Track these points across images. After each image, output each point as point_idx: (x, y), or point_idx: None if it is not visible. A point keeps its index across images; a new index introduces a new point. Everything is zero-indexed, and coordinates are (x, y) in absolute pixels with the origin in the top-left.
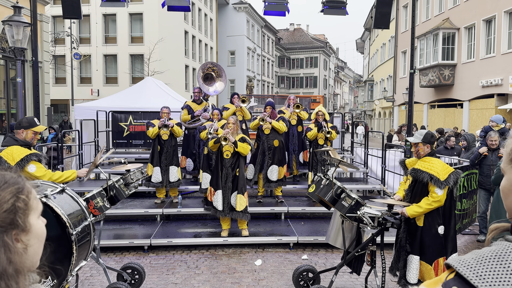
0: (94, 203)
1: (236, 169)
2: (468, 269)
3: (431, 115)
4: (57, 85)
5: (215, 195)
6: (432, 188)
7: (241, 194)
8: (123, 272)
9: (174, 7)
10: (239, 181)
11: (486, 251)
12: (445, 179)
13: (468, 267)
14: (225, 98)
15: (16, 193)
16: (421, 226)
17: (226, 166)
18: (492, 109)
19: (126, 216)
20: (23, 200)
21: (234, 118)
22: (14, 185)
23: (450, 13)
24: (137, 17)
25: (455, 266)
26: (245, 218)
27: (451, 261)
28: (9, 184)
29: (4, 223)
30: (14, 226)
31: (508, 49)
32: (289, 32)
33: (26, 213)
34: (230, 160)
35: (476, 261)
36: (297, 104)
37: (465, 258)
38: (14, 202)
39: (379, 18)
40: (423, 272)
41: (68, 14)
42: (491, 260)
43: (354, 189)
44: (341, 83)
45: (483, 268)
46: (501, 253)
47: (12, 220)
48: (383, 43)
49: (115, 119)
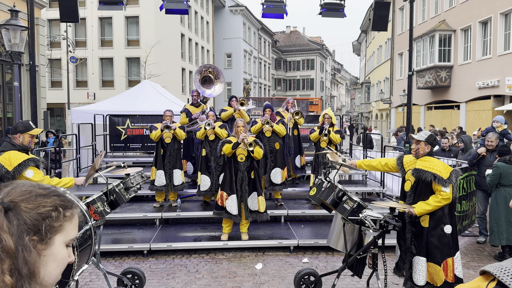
0: (94, 208)
1: (251, 171)
2: (510, 277)
3: (428, 116)
4: (52, 88)
5: (228, 200)
6: (438, 187)
7: (261, 196)
8: (123, 277)
9: (172, 10)
10: (257, 183)
11: None
12: (448, 177)
13: (510, 275)
14: (222, 101)
15: (59, 205)
16: (427, 227)
17: (241, 170)
18: (488, 110)
19: (125, 221)
20: (60, 213)
21: (242, 121)
22: (61, 198)
23: (446, 15)
24: (133, 20)
25: (497, 275)
26: (267, 218)
27: (491, 268)
28: (58, 195)
29: (31, 225)
30: (37, 231)
31: (504, 50)
32: (285, 35)
33: (55, 227)
34: (245, 163)
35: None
36: (297, 111)
37: (506, 266)
38: (50, 210)
39: (377, 20)
40: (431, 274)
41: (65, 17)
42: None
43: (353, 192)
44: (338, 85)
45: None
46: None
47: (38, 225)
48: (380, 45)
49: (112, 123)
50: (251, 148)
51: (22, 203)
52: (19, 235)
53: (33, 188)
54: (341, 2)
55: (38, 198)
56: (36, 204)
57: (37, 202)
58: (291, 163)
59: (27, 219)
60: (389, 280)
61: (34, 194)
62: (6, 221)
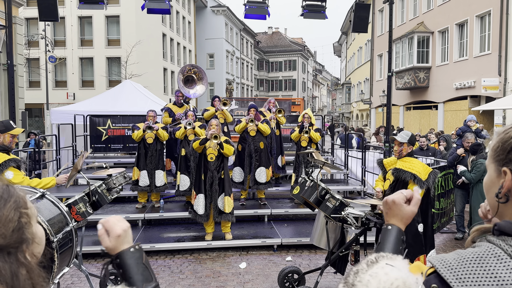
0: (76, 208)
1: (221, 171)
2: (449, 270)
3: (407, 117)
4: (31, 88)
5: (196, 199)
6: (412, 186)
7: (228, 196)
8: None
9: (153, 10)
10: (225, 183)
11: (468, 252)
12: (426, 178)
13: (449, 268)
14: (205, 101)
15: (16, 207)
16: None
17: (211, 169)
18: (465, 110)
19: None
20: (25, 213)
21: (216, 121)
22: (11, 199)
23: (424, 17)
24: (114, 20)
25: (436, 266)
26: (232, 220)
27: (433, 259)
28: (5, 199)
29: (16, 242)
30: (23, 241)
31: (479, 52)
32: (267, 36)
33: (30, 225)
34: (215, 162)
35: (457, 262)
36: (279, 109)
37: (447, 259)
38: (18, 218)
39: (358, 22)
40: None
41: (44, 16)
42: (472, 262)
43: (335, 190)
44: (319, 86)
45: (463, 270)
46: (483, 256)
47: (21, 237)
48: (360, 47)
49: (93, 123)
50: (216, 141)
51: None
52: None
53: None
54: (322, 4)
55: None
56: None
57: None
58: (273, 163)
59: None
60: None
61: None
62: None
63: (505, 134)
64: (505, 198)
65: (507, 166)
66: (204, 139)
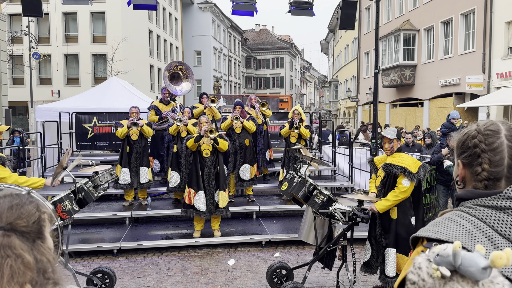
0: (62, 206)
1: (217, 166)
2: (427, 232)
3: (393, 114)
4: (14, 86)
5: (196, 197)
6: (399, 179)
7: (222, 191)
8: (93, 277)
9: (140, 6)
10: (221, 178)
11: (438, 218)
12: (416, 171)
13: (427, 230)
14: (193, 98)
15: (37, 207)
16: (395, 218)
17: (207, 165)
18: (450, 107)
19: (93, 220)
20: (45, 213)
21: (205, 118)
22: (34, 201)
23: (410, 15)
24: (99, 16)
25: (418, 234)
26: (227, 214)
27: (412, 236)
28: (30, 200)
29: (36, 232)
30: (40, 235)
31: (464, 50)
32: (255, 33)
33: (46, 225)
34: (211, 158)
35: (432, 225)
36: (263, 102)
37: (423, 228)
38: (39, 214)
39: (345, 19)
40: (400, 265)
41: (28, 12)
42: (443, 221)
43: (322, 187)
44: (307, 84)
45: (438, 227)
46: (450, 216)
47: (39, 230)
48: (347, 44)
49: (78, 121)
50: (212, 135)
51: (17, 221)
52: (31, 248)
53: (10, 202)
54: (309, 1)
55: (23, 210)
56: (26, 216)
57: (25, 214)
58: (261, 158)
59: (30, 232)
60: (357, 271)
61: (18, 207)
62: (19, 241)
63: (462, 135)
64: (462, 185)
65: (460, 158)
66: (198, 136)
